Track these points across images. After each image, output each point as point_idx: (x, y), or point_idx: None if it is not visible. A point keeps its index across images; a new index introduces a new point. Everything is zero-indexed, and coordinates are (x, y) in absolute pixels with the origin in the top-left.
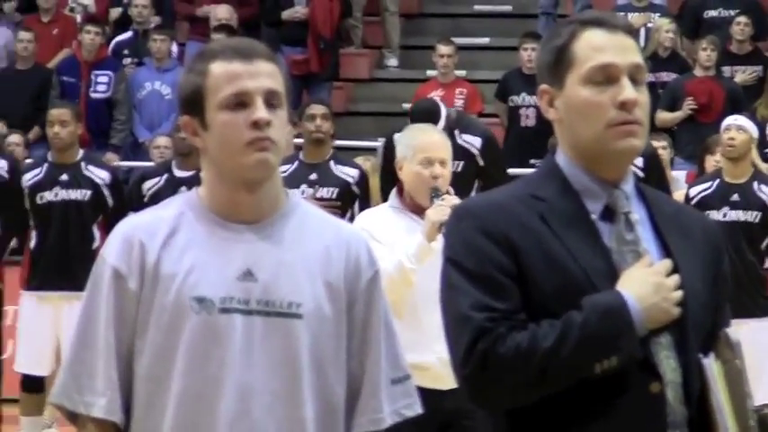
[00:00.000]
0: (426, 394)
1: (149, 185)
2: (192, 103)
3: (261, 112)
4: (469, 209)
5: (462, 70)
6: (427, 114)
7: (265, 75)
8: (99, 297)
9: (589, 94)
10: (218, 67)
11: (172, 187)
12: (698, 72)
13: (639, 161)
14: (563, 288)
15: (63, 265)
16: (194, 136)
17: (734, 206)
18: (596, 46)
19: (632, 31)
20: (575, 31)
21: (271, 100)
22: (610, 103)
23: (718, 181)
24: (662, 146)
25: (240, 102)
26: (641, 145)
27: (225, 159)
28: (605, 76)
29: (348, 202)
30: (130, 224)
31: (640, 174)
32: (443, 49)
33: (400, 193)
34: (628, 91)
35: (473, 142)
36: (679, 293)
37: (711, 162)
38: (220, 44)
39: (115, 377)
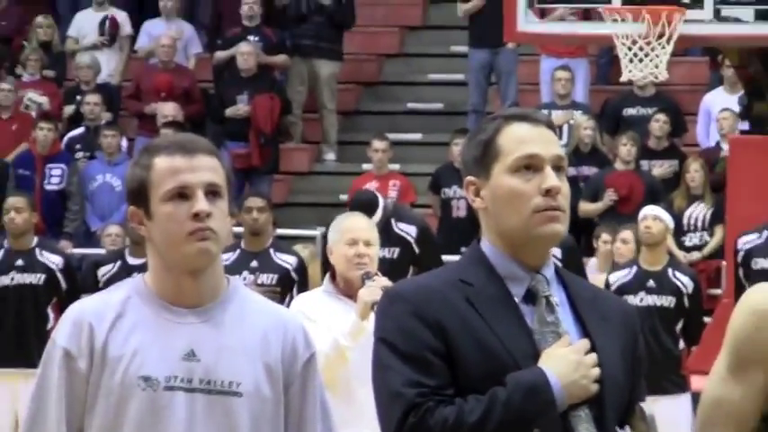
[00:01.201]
0: None
1: (104, 272)
2: (138, 194)
3: (201, 204)
4: (401, 293)
5: (396, 164)
6: (366, 205)
7: (206, 168)
8: (50, 377)
9: (515, 182)
10: (161, 162)
11: (125, 273)
12: (618, 166)
13: (558, 252)
14: (489, 367)
15: (19, 344)
16: (140, 225)
17: (650, 291)
18: (521, 138)
19: (552, 126)
20: (500, 125)
21: (211, 192)
22: (535, 190)
23: (635, 268)
24: None
25: (182, 194)
26: (564, 231)
27: (168, 248)
28: (530, 166)
29: (287, 287)
30: (80, 308)
31: (559, 264)
32: (378, 144)
33: (333, 277)
34: (552, 179)
35: (409, 231)
36: (597, 371)
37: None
38: (164, 140)
39: None
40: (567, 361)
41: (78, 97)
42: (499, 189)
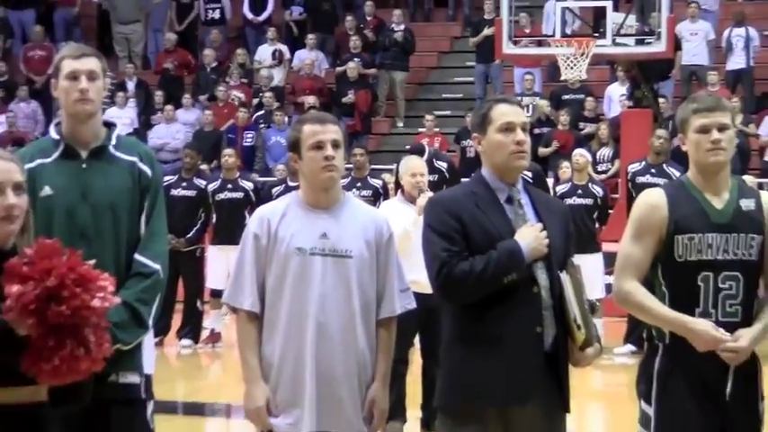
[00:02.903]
0: (417, 296)
1: (276, 191)
2: (294, 146)
3: (329, 151)
4: (438, 198)
5: (437, 128)
6: (419, 150)
7: (331, 132)
8: (247, 247)
9: (500, 137)
10: (307, 128)
11: (288, 191)
12: (560, 127)
13: (530, 175)
14: (487, 240)
15: (230, 231)
16: (295, 163)
17: (579, 196)
18: (503, 112)
19: (521, 105)
20: (491, 105)
21: (335, 145)
22: (511, 142)
23: (570, 183)
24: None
25: (318, 145)
26: (527, 164)
27: (310, 176)
28: (508, 128)
29: (378, 197)
30: (262, 210)
31: (530, 182)
32: (428, 117)
33: (402, 192)
34: (520, 135)
35: (443, 166)
36: (547, 241)
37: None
38: (308, 116)
39: (255, 289)
40: (530, 235)
41: (261, 94)
42: (492, 141)
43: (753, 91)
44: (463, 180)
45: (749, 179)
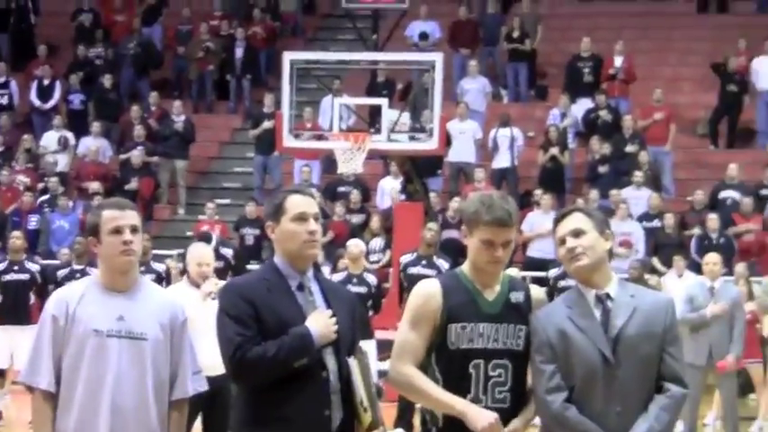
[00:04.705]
0: (209, 378)
1: (61, 273)
2: (93, 230)
3: (128, 236)
4: (232, 285)
5: (217, 216)
6: (205, 238)
7: (130, 217)
8: (45, 328)
9: (294, 226)
10: (106, 213)
11: (73, 274)
12: (335, 218)
13: None
14: (279, 325)
15: (16, 312)
16: (94, 247)
17: (354, 284)
18: (297, 203)
19: (314, 197)
20: (285, 195)
21: (134, 230)
22: (304, 231)
23: (346, 272)
24: None
25: (117, 230)
26: (318, 253)
27: (108, 260)
28: (301, 218)
29: (159, 283)
30: (62, 292)
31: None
32: (210, 205)
33: (188, 277)
34: (313, 226)
35: (228, 253)
36: (335, 327)
37: None
38: (106, 201)
39: (52, 369)
40: (320, 321)
41: (46, 179)
42: (285, 230)
43: (516, 188)
44: (247, 267)
45: (513, 272)
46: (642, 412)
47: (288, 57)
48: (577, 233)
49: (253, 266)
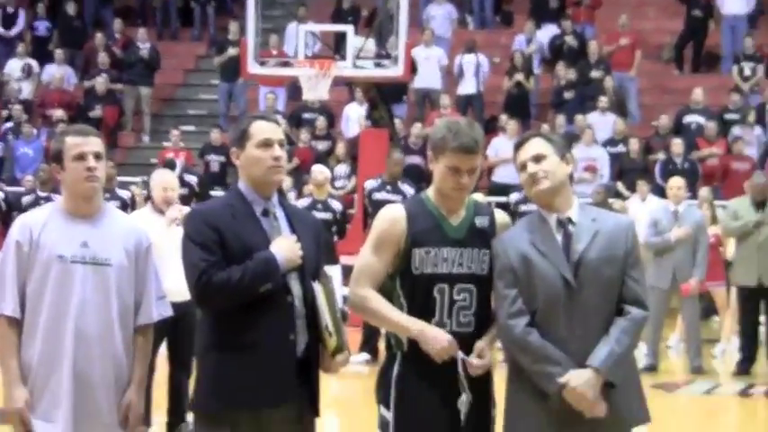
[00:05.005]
0: (174, 304)
1: (26, 200)
2: (56, 157)
3: (91, 162)
4: (196, 211)
5: (182, 143)
6: (169, 164)
7: (94, 143)
8: (9, 254)
9: (259, 152)
10: (69, 140)
11: (38, 200)
12: (301, 145)
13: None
14: (243, 250)
15: None
16: (57, 174)
17: (319, 210)
18: (262, 129)
19: (278, 123)
20: (250, 121)
21: (97, 156)
22: (269, 157)
23: (311, 198)
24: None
25: (81, 156)
26: (283, 179)
27: (72, 186)
28: (266, 144)
29: (125, 209)
30: (25, 218)
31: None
32: (175, 132)
33: (152, 203)
34: (278, 152)
35: (193, 180)
36: (300, 252)
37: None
38: (70, 128)
39: (16, 295)
40: (284, 246)
41: (10, 106)
42: (250, 156)
43: (482, 114)
44: (211, 194)
45: (478, 197)
46: (604, 335)
47: None
48: (538, 158)
49: (217, 193)
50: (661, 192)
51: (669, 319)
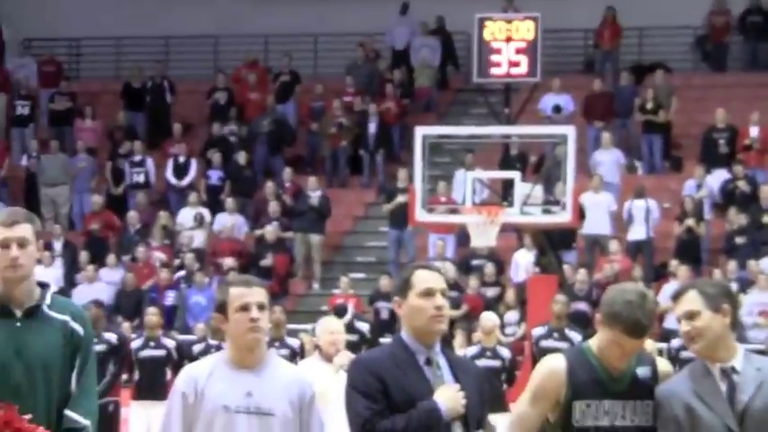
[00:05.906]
0: None
1: (197, 348)
2: (221, 307)
3: (255, 313)
4: (360, 360)
5: (351, 290)
6: (340, 310)
7: (258, 294)
8: (174, 405)
9: (421, 302)
10: (234, 290)
11: (208, 349)
12: (470, 291)
13: None
14: (407, 400)
15: (153, 387)
16: (222, 324)
17: (488, 358)
18: (424, 278)
19: (441, 272)
20: (412, 271)
21: (261, 307)
22: (431, 306)
23: (480, 346)
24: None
25: (244, 307)
26: (445, 328)
27: (236, 337)
28: (428, 293)
29: (293, 358)
30: (191, 369)
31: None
32: (344, 279)
33: (320, 351)
34: (440, 301)
35: (364, 327)
36: (464, 401)
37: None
38: (234, 279)
39: None
40: (448, 395)
41: (182, 255)
42: (412, 305)
43: (652, 260)
44: (381, 341)
45: (649, 343)
46: None
47: (420, 131)
48: (691, 315)
49: (387, 340)
50: None
51: None
